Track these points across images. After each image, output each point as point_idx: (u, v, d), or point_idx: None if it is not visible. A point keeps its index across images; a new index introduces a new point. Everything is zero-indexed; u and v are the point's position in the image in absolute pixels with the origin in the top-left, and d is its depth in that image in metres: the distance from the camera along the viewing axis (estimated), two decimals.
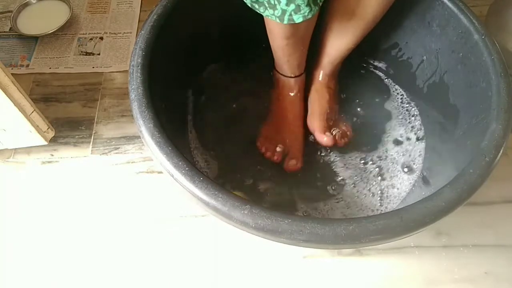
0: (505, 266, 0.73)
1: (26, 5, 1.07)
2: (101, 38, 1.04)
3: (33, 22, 1.05)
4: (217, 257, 0.74)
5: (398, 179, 0.79)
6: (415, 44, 0.81)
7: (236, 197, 0.51)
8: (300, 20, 0.63)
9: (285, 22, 0.64)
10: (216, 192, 0.52)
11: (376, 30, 0.69)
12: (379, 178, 0.80)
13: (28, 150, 0.86)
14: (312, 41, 0.77)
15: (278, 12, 0.63)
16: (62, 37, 1.04)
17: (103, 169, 0.84)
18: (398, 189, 0.78)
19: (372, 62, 0.92)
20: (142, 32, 0.66)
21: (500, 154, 0.56)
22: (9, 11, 1.08)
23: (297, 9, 0.62)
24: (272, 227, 0.50)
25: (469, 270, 0.73)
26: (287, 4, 0.61)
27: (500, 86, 0.61)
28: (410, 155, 0.82)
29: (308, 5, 0.61)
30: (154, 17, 0.68)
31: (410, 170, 0.80)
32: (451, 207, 0.52)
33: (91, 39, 1.04)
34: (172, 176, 0.54)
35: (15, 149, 0.86)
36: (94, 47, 1.03)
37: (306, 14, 0.63)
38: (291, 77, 0.82)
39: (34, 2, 1.07)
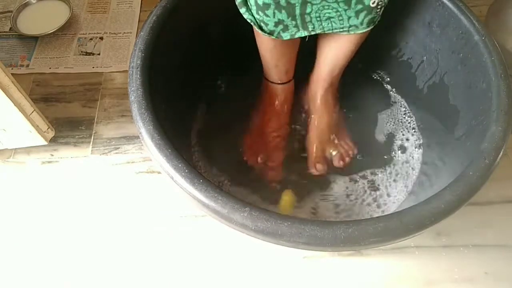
0: (505, 266, 0.73)
1: (26, 5, 1.07)
2: (101, 38, 1.04)
3: (33, 22, 1.05)
4: (217, 257, 0.74)
5: (397, 179, 0.79)
6: (415, 45, 0.81)
7: (236, 200, 0.51)
8: (288, 37, 0.67)
9: (274, 37, 0.67)
10: (216, 194, 0.52)
11: (376, 30, 0.69)
12: (379, 177, 0.80)
13: (28, 150, 0.86)
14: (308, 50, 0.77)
15: (266, 30, 0.66)
16: (62, 37, 1.04)
17: (103, 169, 0.84)
18: (398, 185, 0.79)
19: (371, 62, 0.91)
20: (142, 33, 0.66)
21: (500, 156, 0.56)
22: (9, 11, 1.08)
23: (285, 28, 0.65)
24: (271, 230, 0.50)
25: (469, 270, 0.73)
26: (275, 26, 0.64)
27: (500, 87, 0.61)
28: (409, 155, 0.82)
29: (296, 26, 0.65)
30: (153, 18, 0.68)
31: (410, 170, 0.80)
32: (450, 209, 0.52)
33: (91, 39, 1.04)
34: (172, 178, 0.54)
35: (15, 149, 0.86)
36: (94, 47, 1.02)
37: (293, 33, 0.66)
38: (278, 83, 0.81)
39: (34, 2, 1.07)
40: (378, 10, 0.64)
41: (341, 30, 0.67)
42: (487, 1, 0.97)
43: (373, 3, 0.62)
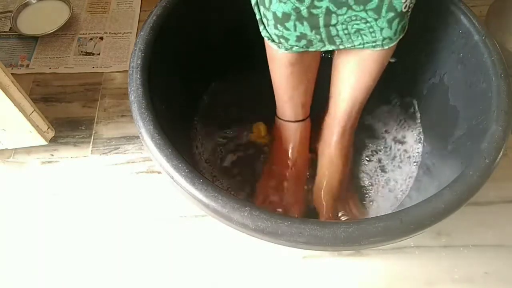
0: (505, 266, 0.73)
1: (26, 5, 1.07)
2: (101, 38, 1.04)
3: (33, 22, 1.05)
4: (217, 257, 0.74)
5: (396, 180, 0.79)
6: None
7: (236, 199, 0.51)
8: (313, 49, 0.60)
9: (295, 51, 0.60)
10: (216, 194, 0.52)
11: None
12: (379, 181, 0.80)
13: (28, 150, 0.86)
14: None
15: (287, 46, 0.60)
16: (62, 37, 1.04)
17: (103, 169, 0.84)
18: (397, 188, 0.79)
19: None
20: (142, 33, 0.66)
21: (500, 155, 0.56)
22: (9, 11, 1.08)
23: (309, 44, 0.59)
24: (271, 229, 0.50)
25: (469, 270, 0.73)
26: (297, 41, 0.58)
27: (500, 87, 0.61)
28: (409, 157, 0.82)
29: (321, 41, 0.59)
30: (154, 18, 0.68)
31: (410, 170, 0.80)
32: (450, 209, 0.52)
33: (91, 39, 1.04)
34: (172, 178, 0.54)
35: (15, 149, 0.86)
36: (94, 47, 1.02)
37: (319, 48, 0.60)
38: (294, 121, 0.74)
39: (34, 2, 1.07)
40: (408, 14, 0.57)
41: (374, 44, 0.59)
42: (487, 1, 0.97)
43: (405, 8, 0.55)
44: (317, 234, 0.49)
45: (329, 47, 0.60)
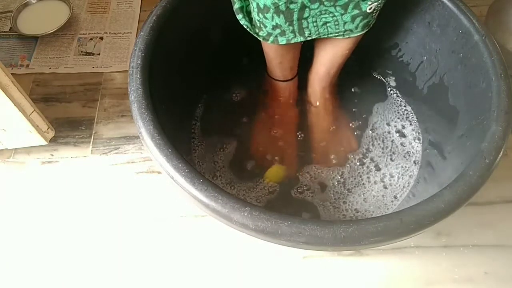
0: (505, 266, 0.73)
1: (26, 5, 1.07)
2: (101, 38, 1.04)
3: (33, 22, 1.05)
4: (217, 257, 0.74)
5: (397, 181, 0.79)
6: (415, 44, 0.81)
7: (236, 199, 0.51)
8: (284, 42, 0.68)
9: (269, 42, 0.68)
10: (216, 194, 0.52)
11: (376, 30, 0.69)
12: (378, 182, 0.80)
13: (28, 150, 0.86)
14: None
15: (263, 33, 0.67)
16: (62, 37, 1.04)
17: (103, 169, 0.84)
18: (397, 187, 0.79)
19: (371, 62, 0.91)
20: (142, 33, 0.66)
21: (500, 155, 0.56)
22: (9, 11, 1.08)
23: (282, 33, 0.66)
24: (271, 229, 0.50)
25: (469, 270, 0.73)
26: (273, 29, 0.65)
27: (500, 87, 0.61)
28: (409, 157, 0.82)
29: (292, 32, 0.65)
30: (154, 18, 0.68)
31: (409, 171, 0.80)
32: (451, 208, 0.52)
33: (91, 39, 1.04)
34: (172, 178, 0.54)
35: (15, 149, 0.86)
36: (94, 47, 1.02)
37: (290, 39, 0.67)
38: (282, 81, 0.82)
39: (34, 2, 1.07)
40: (373, 15, 0.65)
41: (337, 34, 0.68)
42: (487, 1, 0.97)
43: (369, 9, 0.63)
44: (317, 234, 0.49)
45: (299, 38, 0.67)
